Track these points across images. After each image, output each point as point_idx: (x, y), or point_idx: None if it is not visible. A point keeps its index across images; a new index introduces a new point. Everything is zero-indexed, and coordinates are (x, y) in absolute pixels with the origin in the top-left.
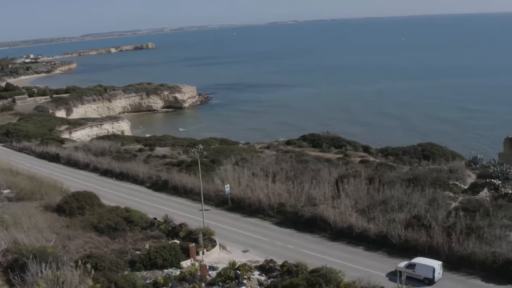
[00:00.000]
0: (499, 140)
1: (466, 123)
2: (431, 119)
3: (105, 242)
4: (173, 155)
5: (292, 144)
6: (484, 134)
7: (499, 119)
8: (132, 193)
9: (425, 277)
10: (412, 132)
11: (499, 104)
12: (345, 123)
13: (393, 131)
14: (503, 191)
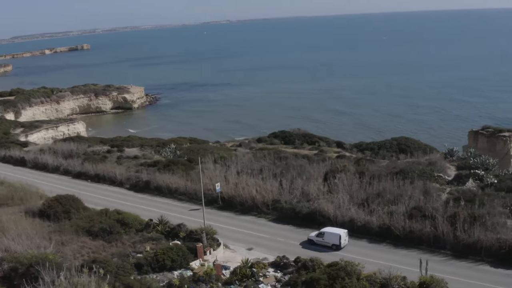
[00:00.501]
0: (453, 134)
1: (418, 119)
2: (381, 115)
3: (101, 246)
4: (145, 155)
5: (264, 141)
6: (436, 128)
7: (448, 114)
8: (113, 195)
9: (333, 244)
10: (365, 128)
11: (447, 101)
12: (297, 120)
13: (345, 127)
14: (488, 181)
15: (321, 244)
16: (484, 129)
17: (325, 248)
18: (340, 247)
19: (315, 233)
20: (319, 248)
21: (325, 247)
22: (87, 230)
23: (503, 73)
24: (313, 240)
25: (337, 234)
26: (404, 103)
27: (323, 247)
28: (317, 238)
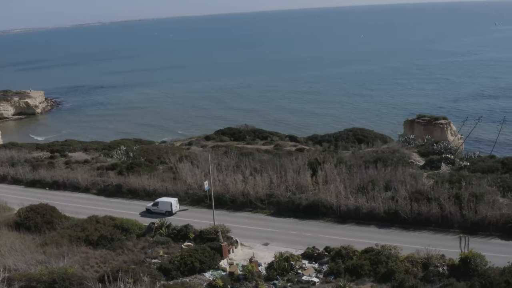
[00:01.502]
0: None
1: (329, 113)
2: (291, 111)
3: (108, 255)
4: (98, 159)
5: (212, 139)
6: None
7: (359, 108)
8: (84, 202)
9: (166, 211)
10: (281, 124)
11: (342, 95)
12: (208, 120)
13: (263, 125)
14: (461, 164)
15: (156, 212)
16: (419, 118)
17: (160, 215)
18: (172, 213)
19: (151, 204)
20: (155, 215)
21: (160, 214)
22: (84, 240)
23: (392, 67)
24: (150, 209)
25: (169, 202)
26: (306, 99)
27: (158, 214)
28: (153, 207)
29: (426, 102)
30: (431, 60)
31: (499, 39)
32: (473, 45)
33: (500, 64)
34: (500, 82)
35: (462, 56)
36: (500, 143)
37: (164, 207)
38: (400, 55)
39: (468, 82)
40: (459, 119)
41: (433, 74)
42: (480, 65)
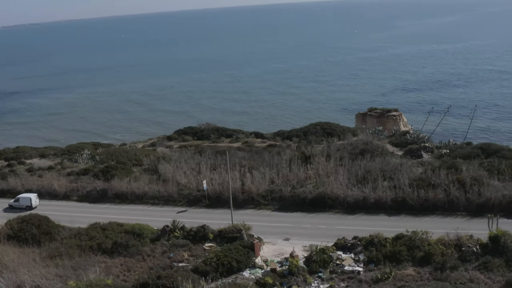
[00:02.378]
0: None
1: (266, 112)
2: (214, 112)
3: (129, 262)
4: (63, 164)
5: (174, 139)
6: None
7: (289, 105)
8: (70, 210)
9: (26, 206)
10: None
11: (269, 94)
12: (139, 123)
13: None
14: (442, 151)
15: (18, 207)
16: (371, 111)
17: (21, 210)
18: (32, 207)
19: (13, 200)
20: (17, 210)
21: (21, 209)
22: (96, 249)
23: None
24: (12, 205)
25: (29, 198)
26: (233, 99)
27: (20, 209)
28: (14, 203)
29: (354, 97)
30: (344, 57)
31: (400, 35)
32: (380, 41)
33: (413, 58)
34: (420, 76)
35: (374, 52)
36: (437, 133)
37: (24, 202)
38: (310, 52)
39: (390, 77)
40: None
41: (352, 70)
42: (395, 60)
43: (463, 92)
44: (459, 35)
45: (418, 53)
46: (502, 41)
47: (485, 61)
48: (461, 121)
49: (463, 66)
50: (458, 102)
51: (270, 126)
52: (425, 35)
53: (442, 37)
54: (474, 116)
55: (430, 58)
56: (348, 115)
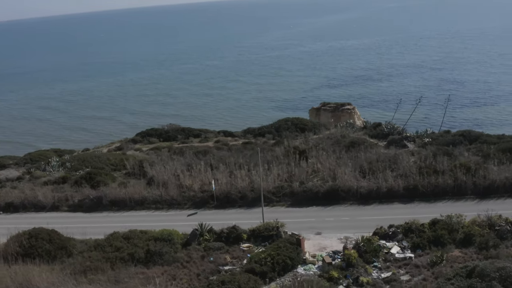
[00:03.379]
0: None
1: (207, 113)
2: (143, 115)
3: (170, 271)
4: (34, 174)
5: (139, 142)
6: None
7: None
8: (66, 222)
9: None
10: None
11: (194, 96)
12: (66, 131)
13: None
14: (426, 140)
15: None
16: (325, 105)
17: None
18: None
19: None
20: None
21: None
22: (128, 259)
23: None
24: None
25: None
26: (159, 102)
27: None
28: None
29: (282, 95)
30: (256, 55)
31: (304, 32)
32: (285, 39)
33: (326, 54)
34: (340, 71)
35: (284, 50)
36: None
37: None
38: (220, 52)
39: (311, 74)
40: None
41: (269, 68)
42: (309, 57)
43: (389, 86)
44: (363, 31)
45: (329, 49)
46: (407, 35)
47: (397, 55)
48: (400, 113)
49: (379, 61)
50: (387, 95)
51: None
52: (329, 32)
53: (347, 34)
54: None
55: (343, 54)
56: (283, 113)
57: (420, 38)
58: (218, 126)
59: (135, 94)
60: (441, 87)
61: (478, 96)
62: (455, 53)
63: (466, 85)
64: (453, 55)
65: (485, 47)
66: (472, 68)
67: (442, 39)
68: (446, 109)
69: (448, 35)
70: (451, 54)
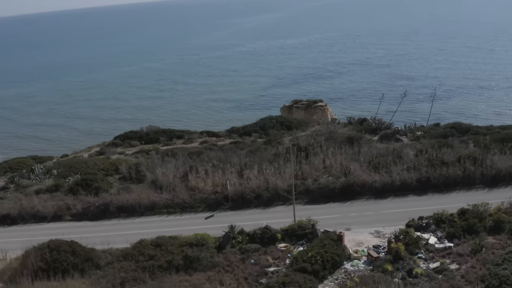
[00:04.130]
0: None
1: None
2: (92, 120)
3: (214, 276)
4: (20, 183)
5: (119, 145)
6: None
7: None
8: (74, 232)
9: None
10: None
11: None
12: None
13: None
14: (418, 134)
15: None
16: (297, 103)
17: None
18: None
19: None
20: None
21: None
22: (167, 267)
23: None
24: None
25: None
26: (108, 106)
27: None
28: None
29: (237, 95)
30: (199, 56)
31: (238, 32)
32: (222, 39)
33: (268, 53)
34: (287, 70)
35: (225, 50)
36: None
37: None
38: (155, 54)
39: (259, 74)
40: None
41: (214, 68)
42: (252, 56)
43: (341, 83)
44: (297, 30)
45: (270, 48)
46: (343, 33)
47: (339, 53)
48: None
49: (323, 59)
50: (342, 92)
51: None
52: (264, 31)
53: (282, 32)
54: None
55: (285, 53)
56: (242, 113)
57: (357, 36)
58: (178, 128)
59: (82, 98)
60: (394, 83)
61: (430, 91)
62: (395, 50)
63: (417, 80)
64: (394, 52)
65: (422, 43)
66: (417, 64)
67: (379, 36)
68: (432, 102)
69: (383, 32)
70: (392, 51)
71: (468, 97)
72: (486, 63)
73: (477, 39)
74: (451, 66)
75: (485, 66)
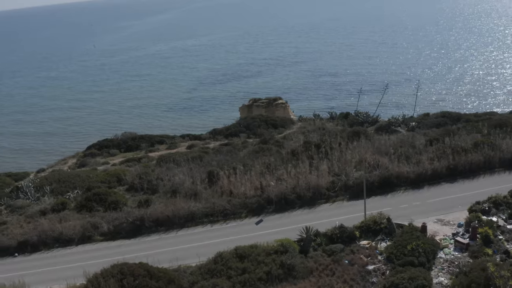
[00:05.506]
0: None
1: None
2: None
3: (320, 282)
4: (12, 204)
5: (98, 155)
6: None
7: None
8: (112, 253)
9: None
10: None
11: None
12: None
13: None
14: (412, 124)
15: None
16: (257, 102)
17: None
18: None
19: None
20: None
21: None
22: (266, 279)
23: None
24: None
25: None
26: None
27: None
28: None
29: (156, 100)
30: (102, 61)
31: (134, 35)
32: (120, 43)
33: (176, 55)
34: (203, 71)
35: (127, 53)
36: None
37: None
38: (49, 62)
39: (177, 76)
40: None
41: (125, 74)
42: (159, 59)
43: (266, 81)
44: (195, 31)
45: (174, 50)
46: (242, 32)
47: (247, 52)
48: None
49: (234, 58)
50: (270, 89)
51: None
52: (160, 33)
53: (179, 34)
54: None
55: (192, 54)
56: (178, 115)
57: (257, 35)
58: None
59: None
60: (318, 79)
61: (356, 86)
62: (304, 47)
63: (341, 76)
64: (305, 49)
65: (327, 39)
66: (332, 59)
67: (279, 34)
68: (417, 94)
69: (281, 30)
70: (302, 48)
71: (399, 89)
72: (396, 57)
73: (378, 34)
74: (368, 62)
75: (395, 61)
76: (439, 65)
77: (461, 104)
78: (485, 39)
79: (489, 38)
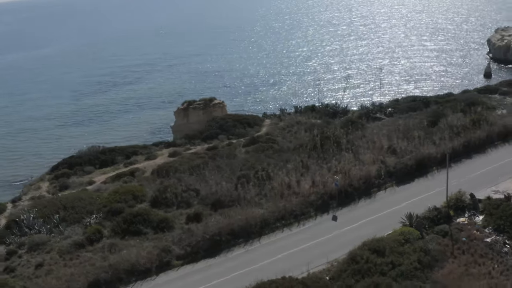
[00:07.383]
0: None
1: None
2: None
3: (467, 268)
4: (30, 239)
5: (71, 175)
6: None
7: None
8: (217, 275)
9: None
10: None
11: None
12: None
13: None
14: (389, 110)
15: None
16: (193, 104)
17: None
18: None
19: None
20: None
21: None
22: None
23: None
24: None
25: None
26: None
27: None
28: None
29: (51, 113)
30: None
31: None
32: None
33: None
34: (79, 86)
35: None
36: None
37: None
38: None
39: (52, 91)
40: None
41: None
42: (16, 69)
43: (152, 87)
44: (34, 42)
45: (26, 60)
46: (91, 41)
47: (115, 59)
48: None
49: (108, 67)
50: (162, 94)
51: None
52: None
53: (23, 44)
54: None
55: (47, 64)
56: (84, 127)
57: (105, 43)
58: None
59: None
60: (206, 79)
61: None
62: (172, 51)
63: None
64: (174, 53)
65: (190, 41)
66: (209, 59)
67: (127, 40)
68: (381, 87)
69: (127, 36)
70: (171, 52)
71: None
72: (270, 56)
73: (234, 34)
74: (246, 58)
75: (271, 59)
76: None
77: None
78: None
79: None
